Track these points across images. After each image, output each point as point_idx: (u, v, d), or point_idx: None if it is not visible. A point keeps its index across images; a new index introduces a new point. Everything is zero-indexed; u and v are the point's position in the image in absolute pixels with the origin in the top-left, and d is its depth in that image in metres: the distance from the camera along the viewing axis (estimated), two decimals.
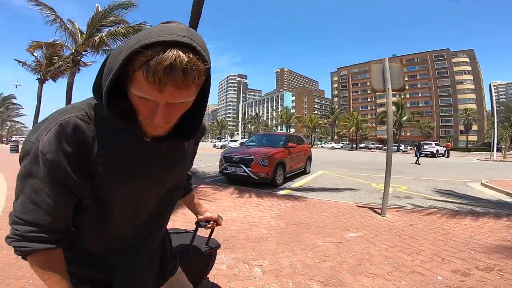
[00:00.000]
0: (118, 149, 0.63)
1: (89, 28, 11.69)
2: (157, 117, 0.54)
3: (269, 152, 7.05)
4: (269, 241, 3.02)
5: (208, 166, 11.37)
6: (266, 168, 6.64)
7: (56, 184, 0.57)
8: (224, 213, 4.09)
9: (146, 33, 0.52)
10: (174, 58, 0.48)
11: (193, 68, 0.50)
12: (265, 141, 8.85)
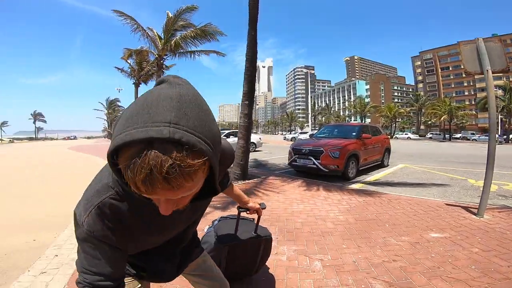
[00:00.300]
0: (148, 217, 0.68)
1: (165, 33, 13.08)
2: (162, 210, 0.52)
3: (340, 143, 6.69)
4: (334, 236, 2.88)
5: (277, 159, 11.49)
6: (337, 160, 6.33)
7: (109, 248, 0.65)
8: (291, 205, 4.09)
9: (123, 120, 0.44)
10: (150, 167, 0.40)
11: (179, 172, 0.41)
12: (336, 132, 8.42)
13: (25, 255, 2.56)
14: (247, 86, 6.28)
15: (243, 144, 6.18)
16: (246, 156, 6.21)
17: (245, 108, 6.28)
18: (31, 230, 3.23)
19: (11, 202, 4.74)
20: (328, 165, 6.33)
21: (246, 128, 6.25)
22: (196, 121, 0.44)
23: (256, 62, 6.44)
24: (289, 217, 3.53)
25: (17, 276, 2.14)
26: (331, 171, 6.35)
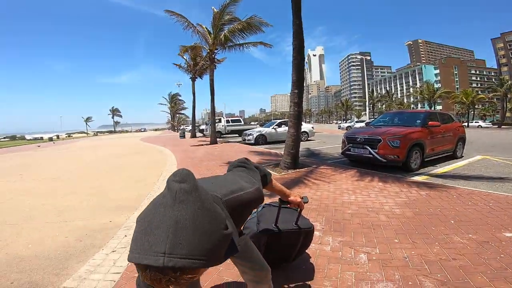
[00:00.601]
0: None
1: (213, 28, 13.50)
2: None
3: (401, 131, 6.13)
4: (386, 230, 2.70)
5: (331, 148, 11.11)
6: (397, 149, 5.82)
7: None
8: (341, 195, 3.94)
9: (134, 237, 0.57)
10: (152, 281, 0.52)
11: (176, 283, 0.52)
12: (397, 120, 7.74)
13: (102, 235, 2.96)
14: (295, 75, 6.20)
15: (293, 133, 6.13)
16: (296, 145, 6.15)
17: (294, 97, 6.21)
18: (109, 212, 3.73)
19: (98, 187, 5.51)
20: (387, 155, 5.87)
21: (296, 117, 6.18)
22: (191, 245, 0.52)
23: (303, 50, 6.28)
24: (338, 208, 3.40)
25: (93, 254, 2.49)
26: (389, 161, 5.89)
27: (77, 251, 2.56)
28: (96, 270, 2.18)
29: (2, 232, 3.10)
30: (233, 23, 12.82)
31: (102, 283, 1.98)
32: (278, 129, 14.74)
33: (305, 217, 1.82)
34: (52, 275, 2.11)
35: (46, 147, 20.90)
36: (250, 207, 0.93)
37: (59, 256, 2.45)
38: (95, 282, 2.01)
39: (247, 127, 23.03)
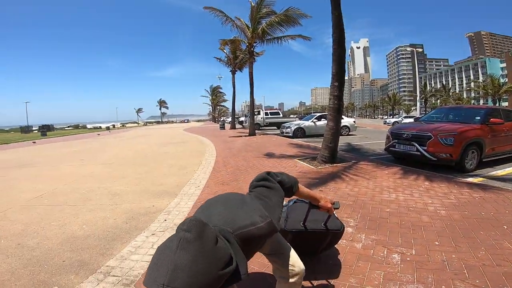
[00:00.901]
0: None
1: (252, 22, 13.46)
2: None
3: (456, 128, 5.57)
4: (427, 231, 2.52)
5: (373, 143, 10.58)
6: (450, 148, 5.32)
7: None
8: (380, 193, 3.75)
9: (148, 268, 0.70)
10: None
11: None
12: (452, 116, 7.05)
13: (145, 218, 3.20)
14: (335, 67, 5.99)
15: (332, 126, 5.96)
16: (335, 139, 5.96)
17: (334, 89, 6.01)
18: (153, 197, 4.02)
19: (145, 173, 5.88)
20: (438, 153, 5.41)
21: (336, 110, 5.98)
22: (186, 282, 0.63)
23: (344, 42, 6.01)
24: (376, 206, 3.25)
25: (135, 236, 2.71)
26: (440, 160, 5.41)
27: (123, 232, 2.81)
28: (136, 251, 2.38)
29: (62, 212, 3.52)
30: (270, 16, 12.73)
31: (139, 264, 2.16)
32: (317, 123, 14.42)
33: (336, 217, 1.78)
34: (99, 255, 2.35)
35: (103, 136, 23.11)
36: (261, 240, 0.96)
37: (107, 237, 2.71)
38: (134, 262, 2.20)
39: (285, 119, 22.90)
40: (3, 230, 2.96)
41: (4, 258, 2.32)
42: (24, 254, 2.38)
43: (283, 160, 6.52)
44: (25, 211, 3.60)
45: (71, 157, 9.10)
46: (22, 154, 10.96)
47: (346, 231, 2.50)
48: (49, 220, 3.20)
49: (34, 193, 4.47)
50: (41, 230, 2.91)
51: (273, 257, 1.19)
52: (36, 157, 9.52)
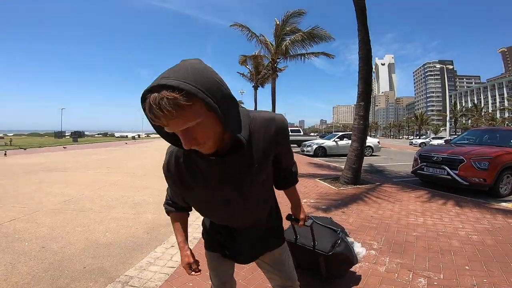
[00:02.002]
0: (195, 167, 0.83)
1: (276, 38, 13.74)
2: (183, 143, 0.66)
3: (491, 152, 5.30)
4: (457, 255, 2.40)
5: (398, 165, 10.17)
6: (483, 172, 5.04)
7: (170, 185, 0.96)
8: (407, 216, 3.57)
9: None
10: (150, 102, 0.58)
11: (167, 103, 0.56)
12: (486, 138, 6.75)
13: (166, 229, 3.23)
14: (362, 86, 5.88)
15: (357, 147, 5.80)
16: (359, 160, 5.80)
17: (360, 109, 5.89)
18: None
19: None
20: (470, 178, 5.13)
21: (362, 131, 5.84)
22: (183, 75, 0.58)
23: (371, 60, 5.95)
24: (402, 229, 3.09)
25: (155, 247, 2.74)
26: (473, 184, 5.13)
27: (143, 242, 2.85)
28: (155, 262, 2.40)
29: (87, 218, 3.65)
30: (295, 34, 12.97)
31: (157, 275, 2.17)
32: (339, 142, 14.14)
33: (334, 243, 1.69)
34: (119, 263, 2.39)
35: (129, 145, 24.03)
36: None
37: (128, 246, 2.76)
38: (152, 273, 2.20)
39: (306, 138, 22.72)
40: (29, 232, 3.10)
41: (27, 261, 2.40)
42: (46, 258, 2.46)
43: (303, 179, 6.41)
44: (52, 214, 3.76)
45: (98, 165, 9.50)
46: (53, 159, 11.58)
47: (369, 253, 2.40)
48: (74, 225, 3.32)
49: (62, 198, 4.68)
50: (66, 235, 3.01)
51: (271, 268, 1.11)
52: (66, 163, 10.03)
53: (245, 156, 0.81)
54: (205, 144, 0.68)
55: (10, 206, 4.17)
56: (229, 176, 0.83)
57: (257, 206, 0.96)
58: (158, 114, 0.58)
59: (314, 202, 4.37)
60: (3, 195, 4.89)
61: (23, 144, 23.90)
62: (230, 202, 0.89)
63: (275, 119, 0.86)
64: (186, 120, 0.60)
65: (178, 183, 0.88)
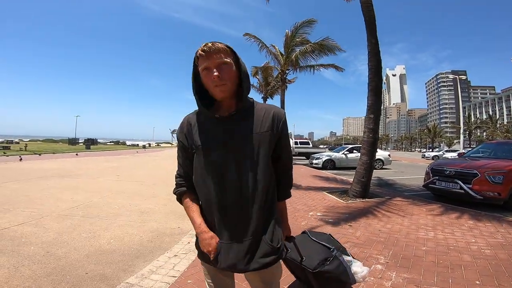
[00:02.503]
0: (202, 127, 1.01)
1: (285, 49, 13.76)
2: (214, 74, 0.91)
3: (506, 166, 5.16)
4: (468, 270, 2.31)
5: (409, 179, 9.91)
6: (498, 186, 4.91)
7: (181, 149, 1.07)
8: (416, 231, 3.46)
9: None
10: (206, 43, 0.91)
11: (213, 44, 0.91)
12: (501, 151, 6.56)
13: (170, 238, 3.23)
14: (372, 98, 5.80)
15: (366, 161, 5.70)
16: (368, 174, 5.68)
17: (370, 122, 5.79)
18: (179, 219, 4.07)
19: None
20: (484, 192, 5.00)
21: (371, 144, 5.74)
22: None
23: (381, 71, 5.89)
24: (411, 243, 2.99)
25: (158, 255, 2.72)
26: (487, 198, 4.99)
27: (147, 251, 2.84)
28: (157, 271, 2.37)
29: (93, 224, 3.68)
30: (304, 45, 12.96)
31: (158, 284, 2.14)
32: (348, 155, 13.98)
33: (324, 260, 1.61)
34: (121, 271, 2.38)
35: (140, 154, 24.41)
36: None
37: (131, 254, 2.75)
38: (153, 282, 2.18)
39: (315, 150, 22.54)
40: (35, 236, 3.14)
41: (30, 265, 2.43)
42: (50, 263, 2.48)
43: (311, 192, 6.32)
44: (59, 220, 3.81)
45: (109, 172, 9.66)
46: (65, 165, 11.86)
47: (374, 268, 2.32)
48: (80, 231, 3.35)
49: (70, 204, 4.75)
50: (71, 241, 3.04)
51: (260, 279, 1.08)
52: (78, 169, 10.25)
53: (247, 121, 0.99)
54: (226, 83, 0.93)
55: (20, 210, 4.26)
56: (232, 133, 0.97)
57: (249, 181, 0.96)
58: (210, 48, 0.90)
59: (321, 215, 4.29)
60: (15, 199, 5.01)
61: (38, 149, 24.64)
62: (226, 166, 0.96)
63: (275, 106, 1.07)
64: (224, 56, 0.92)
65: (188, 142, 1.02)
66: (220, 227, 0.97)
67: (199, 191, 1.03)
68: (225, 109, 1.00)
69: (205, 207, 1.02)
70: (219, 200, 0.96)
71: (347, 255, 1.76)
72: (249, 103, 1.02)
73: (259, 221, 0.97)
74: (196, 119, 1.03)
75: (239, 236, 0.96)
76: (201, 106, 0.99)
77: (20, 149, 24.31)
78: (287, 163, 1.13)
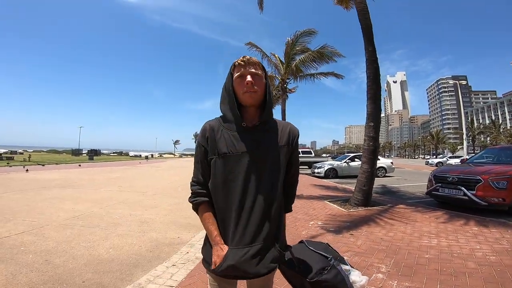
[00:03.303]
0: (228, 135, 1.03)
1: (285, 58, 13.77)
2: (248, 79, 0.99)
3: (510, 171, 5.09)
4: (472, 277, 2.26)
5: (412, 186, 9.81)
6: (502, 192, 4.86)
7: (200, 154, 1.07)
8: (419, 238, 3.41)
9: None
10: (242, 57, 1.02)
11: (250, 58, 1.02)
12: (505, 156, 6.51)
13: (169, 248, 3.20)
14: (371, 106, 5.80)
15: (367, 169, 5.66)
16: (370, 182, 5.63)
17: (370, 130, 5.78)
18: (180, 229, 4.05)
19: (175, 204, 6.06)
20: (489, 198, 4.94)
21: (371, 152, 5.71)
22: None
23: (379, 79, 5.90)
24: (413, 251, 2.93)
25: (156, 265, 2.70)
26: (491, 204, 4.93)
27: (145, 260, 2.82)
28: (155, 280, 2.35)
29: (93, 234, 3.66)
30: (304, 53, 12.98)
31: None
32: (351, 163, 13.90)
33: (321, 269, 1.57)
34: (118, 280, 2.36)
35: (142, 165, 24.41)
36: None
37: (130, 263, 2.73)
38: None
39: (317, 159, 22.45)
40: (35, 245, 3.14)
41: (28, 272, 2.42)
42: (48, 271, 2.47)
43: (312, 201, 6.26)
44: (60, 229, 3.80)
45: (111, 183, 9.67)
46: (68, 175, 11.91)
47: (375, 277, 2.27)
48: (79, 241, 3.34)
49: (71, 213, 4.75)
50: (70, 250, 3.02)
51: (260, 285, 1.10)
52: (80, 180, 10.27)
53: (271, 133, 1.06)
54: (257, 91, 1.01)
55: (21, 219, 4.27)
56: (258, 143, 1.01)
57: (268, 189, 1.01)
58: (248, 60, 1.01)
59: (322, 224, 4.24)
60: (16, 209, 5.02)
61: (41, 160, 24.81)
62: (250, 174, 0.99)
63: (290, 123, 1.15)
64: (257, 69, 1.02)
65: (211, 147, 1.03)
66: (235, 232, 0.98)
67: (217, 196, 1.03)
68: (249, 119, 1.04)
69: (221, 211, 1.03)
70: (239, 204, 0.98)
71: (345, 264, 1.71)
72: (271, 117, 1.08)
73: (272, 227, 1.01)
74: (220, 126, 1.06)
75: (252, 241, 0.98)
76: (236, 112, 1.02)
77: (24, 160, 24.50)
78: (295, 177, 1.20)
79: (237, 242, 0.97)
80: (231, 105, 1.02)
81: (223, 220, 1.02)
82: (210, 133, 1.04)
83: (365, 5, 5.96)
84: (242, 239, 0.96)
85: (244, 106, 1.04)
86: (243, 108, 1.05)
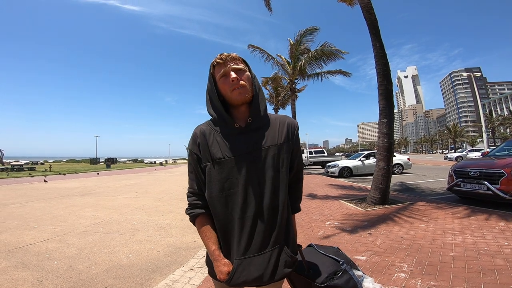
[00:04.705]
0: (220, 138, 0.96)
1: (292, 58, 13.67)
2: (232, 76, 0.93)
3: None
4: (502, 274, 2.15)
5: (432, 182, 9.49)
6: None
7: (192, 163, 0.99)
8: (443, 236, 3.28)
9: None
10: (218, 55, 0.97)
11: (228, 54, 0.96)
12: None
13: (186, 253, 3.24)
14: (383, 102, 5.68)
15: (383, 166, 5.53)
16: (386, 179, 5.48)
17: (383, 126, 5.65)
18: (196, 233, 4.02)
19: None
20: None
21: (387, 149, 5.58)
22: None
23: (389, 74, 5.77)
24: (437, 249, 2.82)
25: (174, 269, 2.73)
26: None
27: (163, 265, 2.86)
28: (173, 285, 2.37)
29: (113, 240, 3.75)
30: (308, 53, 12.90)
31: None
32: (365, 161, 13.63)
33: (333, 273, 1.48)
34: (138, 285, 2.40)
35: (157, 171, 24.84)
36: None
37: (149, 268, 2.78)
38: None
39: (330, 158, 22.17)
40: (59, 252, 3.24)
41: (53, 279, 2.50)
42: (72, 277, 2.54)
43: (328, 201, 6.18)
44: (82, 236, 3.91)
45: (127, 190, 9.88)
46: (87, 184, 12.26)
47: (397, 276, 2.20)
48: (101, 247, 3.42)
49: (92, 220, 4.88)
50: (92, 256, 3.10)
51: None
52: (99, 188, 10.55)
53: (266, 131, 0.98)
54: (245, 85, 0.94)
55: (45, 227, 4.43)
56: (254, 144, 0.95)
57: (271, 192, 0.94)
58: (226, 56, 0.95)
59: (338, 224, 4.17)
60: (40, 217, 5.20)
61: (61, 170, 25.67)
62: (248, 177, 0.92)
63: (287, 116, 1.07)
64: (238, 64, 0.95)
65: (203, 153, 0.97)
66: (239, 241, 0.91)
67: (215, 206, 0.95)
68: (242, 119, 0.97)
69: (221, 223, 0.95)
70: (241, 213, 0.92)
71: (357, 270, 1.64)
72: (264, 112, 1.00)
73: (279, 232, 0.94)
74: (212, 130, 0.99)
75: (261, 248, 0.92)
76: (224, 113, 0.95)
77: (45, 170, 25.44)
78: (299, 174, 1.10)
79: (243, 252, 0.90)
80: (218, 105, 0.96)
81: (224, 232, 0.94)
82: (202, 138, 0.98)
83: (368, 1, 5.86)
84: (249, 249, 0.91)
85: (235, 106, 0.97)
86: (233, 108, 0.98)
